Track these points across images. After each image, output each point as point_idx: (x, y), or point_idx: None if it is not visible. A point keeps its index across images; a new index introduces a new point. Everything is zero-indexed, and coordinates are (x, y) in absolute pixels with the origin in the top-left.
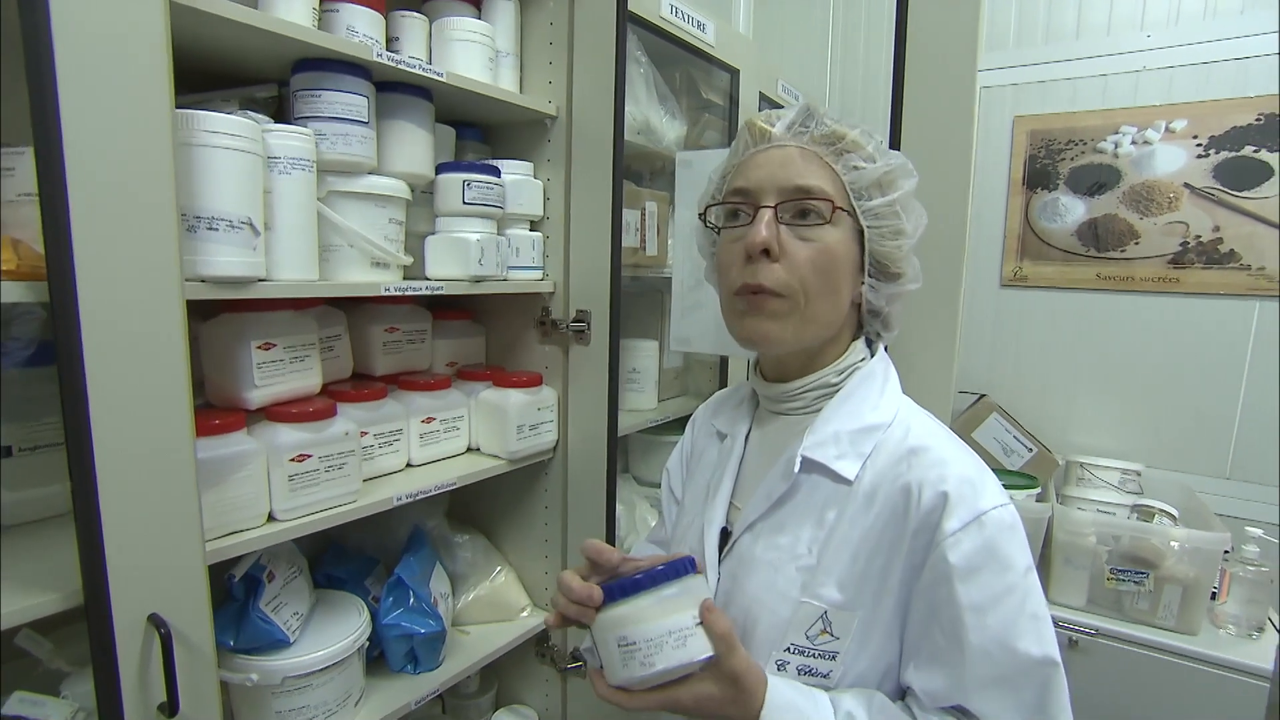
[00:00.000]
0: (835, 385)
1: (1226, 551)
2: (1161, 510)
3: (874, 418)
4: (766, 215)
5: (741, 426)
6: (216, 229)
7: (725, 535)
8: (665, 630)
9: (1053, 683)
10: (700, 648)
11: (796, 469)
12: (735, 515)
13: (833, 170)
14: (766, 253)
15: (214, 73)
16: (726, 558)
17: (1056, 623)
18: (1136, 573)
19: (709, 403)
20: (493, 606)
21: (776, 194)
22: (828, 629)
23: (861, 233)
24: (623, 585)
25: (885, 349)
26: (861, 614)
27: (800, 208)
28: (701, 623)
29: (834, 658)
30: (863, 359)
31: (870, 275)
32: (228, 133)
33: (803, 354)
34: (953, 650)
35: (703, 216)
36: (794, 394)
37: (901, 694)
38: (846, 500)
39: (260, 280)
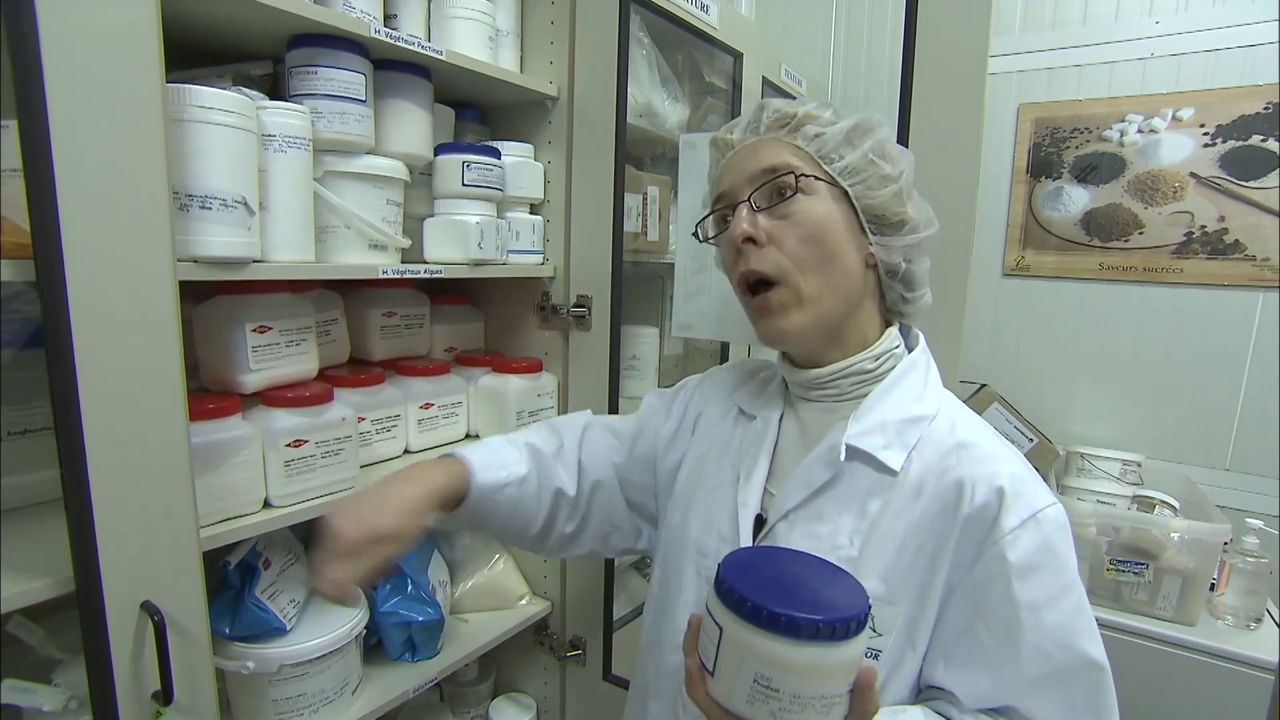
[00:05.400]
0: (872, 372)
1: (1226, 543)
2: (1162, 501)
3: (919, 409)
4: (742, 210)
5: (773, 410)
6: (210, 208)
7: (759, 522)
8: (819, 694)
9: (1104, 686)
10: (840, 714)
11: (842, 457)
12: (769, 501)
13: (794, 146)
14: (754, 241)
15: (208, 49)
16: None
17: None
18: (1136, 563)
19: (729, 373)
20: (491, 594)
21: (747, 185)
22: (870, 624)
23: (846, 194)
24: (796, 621)
25: (925, 341)
26: (907, 610)
27: (770, 189)
28: (852, 691)
29: (876, 657)
30: (897, 346)
31: (873, 232)
32: (221, 109)
33: (826, 333)
34: (1003, 650)
35: (696, 236)
36: (826, 380)
37: (918, 693)
38: (891, 491)
39: (255, 261)
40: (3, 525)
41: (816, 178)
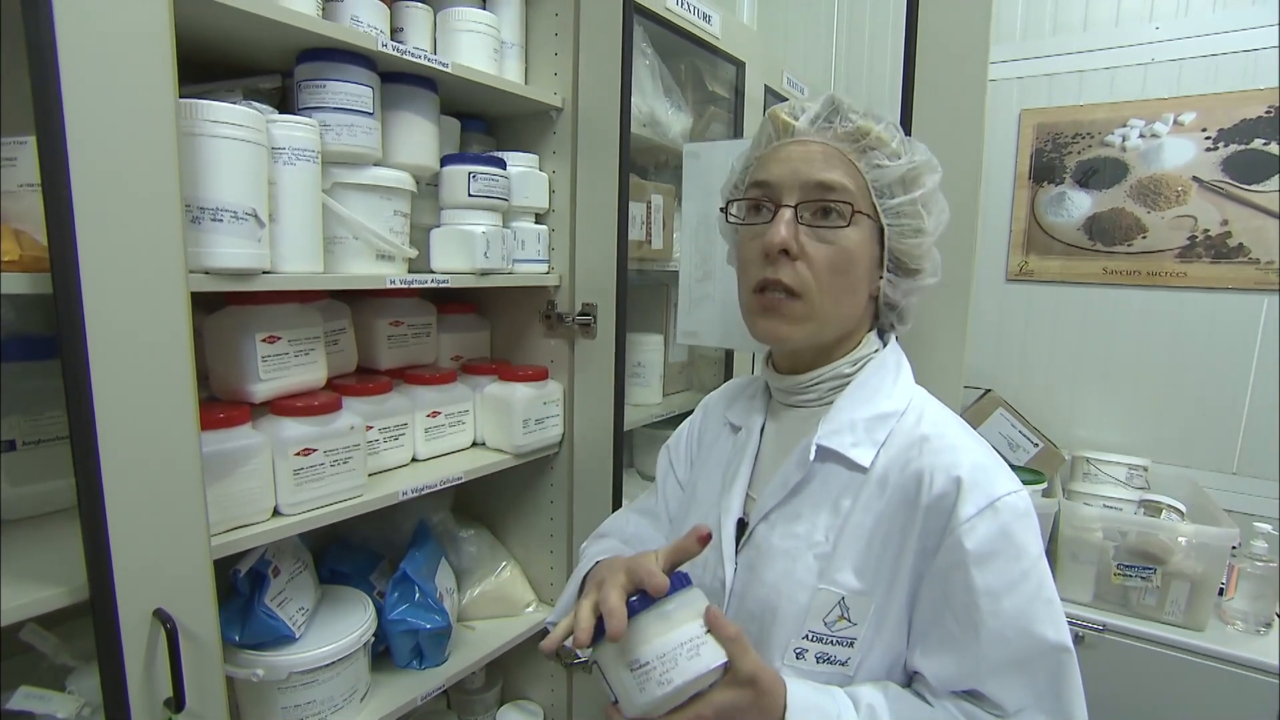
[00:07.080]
0: (849, 376)
1: (1234, 547)
2: (1169, 505)
3: (888, 405)
4: (786, 215)
5: (756, 420)
6: (221, 220)
7: (741, 527)
8: (676, 643)
9: (1066, 667)
10: (713, 654)
11: (812, 457)
12: (751, 506)
13: (855, 168)
14: (785, 252)
15: (218, 63)
16: (744, 549)
17: None
18: (1144, 568)
19: (722, 393)
20: (498, 601)
21: (798, 191)
22: (845, 615)
23: (882, 230)
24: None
25: (897, 339)
26: (877, 599)
27: (821, 207)
28: (709, 629)
29: (851, 644)
30: (875, 350)
31: (889, 271)
32: (232, 122)
33: (817, 349)
34: (966, 635)
35: (724, 212)
36: (807, 386)
37: (909, 679)
38: (861, 487)
39: (265, 272)
40: (19, 534)
41: (865, 214)
